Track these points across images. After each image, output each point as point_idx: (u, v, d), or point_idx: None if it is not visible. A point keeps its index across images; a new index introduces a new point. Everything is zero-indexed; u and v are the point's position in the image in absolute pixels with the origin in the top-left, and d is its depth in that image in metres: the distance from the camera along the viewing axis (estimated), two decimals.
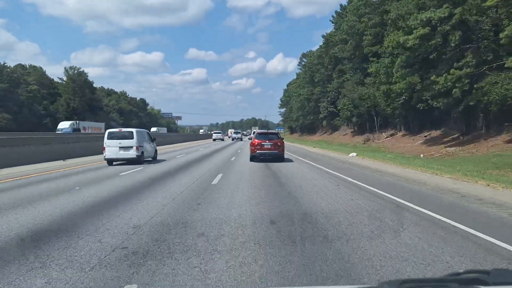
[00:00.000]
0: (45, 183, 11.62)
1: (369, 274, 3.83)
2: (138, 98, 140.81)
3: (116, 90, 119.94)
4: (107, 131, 19.01)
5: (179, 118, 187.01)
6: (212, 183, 10.98)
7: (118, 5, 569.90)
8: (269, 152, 18.06)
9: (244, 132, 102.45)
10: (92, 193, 9.31)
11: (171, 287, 3.50)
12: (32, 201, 8.32)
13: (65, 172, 15.11)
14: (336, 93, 60.42)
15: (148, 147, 19.61)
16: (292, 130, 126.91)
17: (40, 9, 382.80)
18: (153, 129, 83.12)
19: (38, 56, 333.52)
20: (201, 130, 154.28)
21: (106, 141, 17.74)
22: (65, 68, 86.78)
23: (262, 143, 18.20)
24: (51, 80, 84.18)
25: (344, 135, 56.62)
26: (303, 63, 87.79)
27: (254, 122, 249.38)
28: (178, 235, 5.28)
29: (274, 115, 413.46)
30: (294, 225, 5.95)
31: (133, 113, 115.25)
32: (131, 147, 17.67)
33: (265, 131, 26.93)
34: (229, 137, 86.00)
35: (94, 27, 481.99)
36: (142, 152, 18.31)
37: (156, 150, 21.22)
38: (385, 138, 41.09)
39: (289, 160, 19.52)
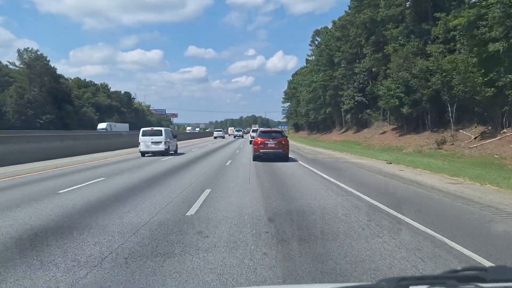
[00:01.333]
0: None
1: None
2: (122, 92, 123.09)
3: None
4: (141, 130, 22.67)
5: (174, 115, 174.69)
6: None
7: (116, 2, 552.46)
8: (273, 152, 16.84)
9: (244, 130, 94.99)
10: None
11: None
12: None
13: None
14: (368, 76, 43.27)
15: (172, 142, 23.30)
16: (298, 128, 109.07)
17: (37, 6, 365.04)
18: (101, 125, 59.27)
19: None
20: (188, 128, 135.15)
21: (141, 138, 21.52)
22: (18, 50, 69.56)
23: (266, 142, 17.01)
24: (2, 66, 67.02)
25: (381, 133, 39.43)
26: (316, 42, 69.97)
27: (254, 120, 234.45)
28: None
29: (274, 113, 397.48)
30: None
31: (114, 108, 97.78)
32: (160, 142, 21.38)
33: (269, 129, 24.83)
34: (229, 135, 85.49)
35: (92, 25, 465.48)
36: (169, 146, 21.98)
37: (177, 145, 24.92)
38: (476, 139, 23.79)
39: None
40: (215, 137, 63.41)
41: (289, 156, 17.75)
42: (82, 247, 4.41)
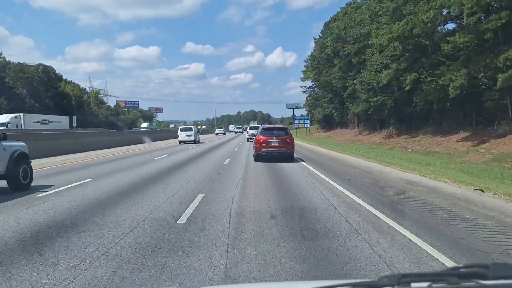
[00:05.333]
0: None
1: None
2: (41, 66, 75.61)
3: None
4: (180, 127, 37.98)
5: (159, 110, 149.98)
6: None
7: None
8: (277, 151, 15.65)
9: (243, 127, 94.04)
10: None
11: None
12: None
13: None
14: None
15: (197, 135, 35.93)
16: (328, 123, 61.34)
17: (30, 1, 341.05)
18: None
19: (34, 50, 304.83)
20: (144, 125, 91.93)
21: (179, 132, 34.39)
22: None
23: (269, 140, 15.74)
24: None
25: None
26: None
27: (253, 115, 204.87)
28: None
29: (276, 104, 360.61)
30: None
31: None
32: (191, 135, 33.67)
33: (272, 126, 23.58)
34: (230, 132, 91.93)
35: (88, 20, 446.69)
36: (196, 138, 34.27)
37: (199, 137, 37.78)
38: None
39: None
40: (217, 134, 69.30)
41: None
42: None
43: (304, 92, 69.24)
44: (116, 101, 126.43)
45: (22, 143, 9.46)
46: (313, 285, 1.46)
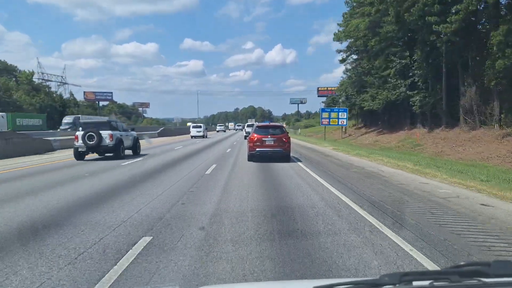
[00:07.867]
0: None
1: None
2: None
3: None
4: (192, 124, 49.67)
5: (145, 105, 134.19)
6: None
7: None
8: (271, 150, 14.54)
9: (242, 125, 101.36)
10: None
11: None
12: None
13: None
14: None
15: (205, 131, 44.57)
16: (391, 120, 31.26)
17: None
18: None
19: (30, 46, 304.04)
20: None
21: (191, 129, 44.22)
22: None
23: (263, 139, 14.69)
24: None
25: None
26: None
27: (252, 112, 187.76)
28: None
29: (278, 97, 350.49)
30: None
31: None
32: (201, 131, 42.45)
33: (267, 123, 21.70)
34: (229, 129, 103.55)
35: (84, 16, 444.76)
36: (204, 134, 42.83)
37: (207, 133, 46.91)
38: None
39: None
40: (218, 131, 77.00)
41: None
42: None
43: (342, 61, 42.27)
44: (84, 92, 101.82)
45: (135, 132, 19.44)
46: (314, 284, 1.38)
